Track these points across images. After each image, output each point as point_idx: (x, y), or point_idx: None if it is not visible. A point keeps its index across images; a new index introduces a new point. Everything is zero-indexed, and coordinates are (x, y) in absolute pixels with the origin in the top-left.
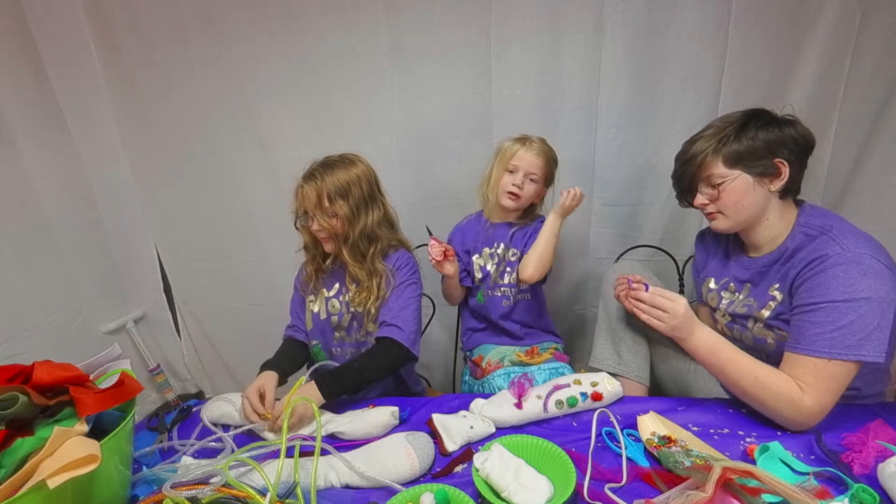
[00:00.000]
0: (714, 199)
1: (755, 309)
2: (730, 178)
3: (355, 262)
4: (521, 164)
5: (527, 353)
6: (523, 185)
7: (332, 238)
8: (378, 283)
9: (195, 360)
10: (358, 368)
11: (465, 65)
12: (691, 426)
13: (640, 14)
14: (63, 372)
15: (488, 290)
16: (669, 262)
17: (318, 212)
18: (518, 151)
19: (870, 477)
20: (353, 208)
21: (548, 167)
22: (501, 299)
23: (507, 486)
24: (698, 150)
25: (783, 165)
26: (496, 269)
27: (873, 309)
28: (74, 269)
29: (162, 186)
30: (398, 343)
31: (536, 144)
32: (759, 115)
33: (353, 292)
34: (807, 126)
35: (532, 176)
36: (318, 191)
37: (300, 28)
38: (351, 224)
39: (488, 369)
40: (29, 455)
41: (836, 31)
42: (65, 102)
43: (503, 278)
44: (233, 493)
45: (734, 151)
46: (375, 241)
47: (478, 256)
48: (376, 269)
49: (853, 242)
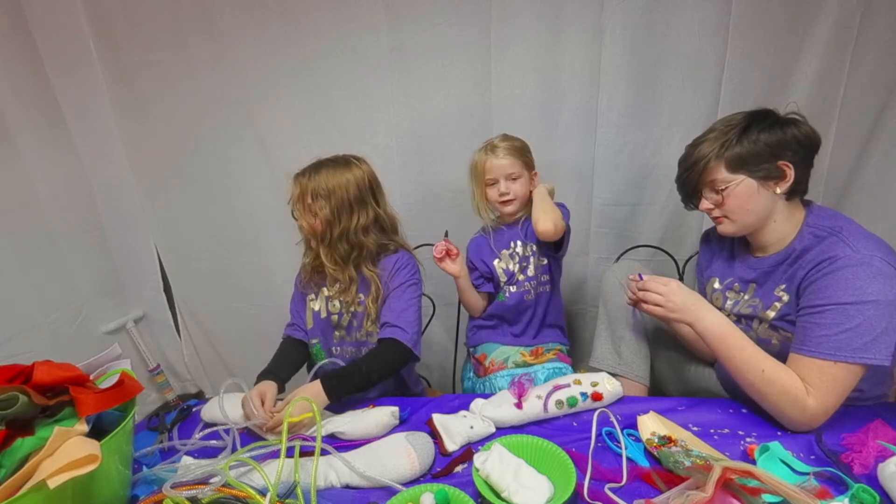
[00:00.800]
0: (719, 204)
1: (760, 310)
2: (733, 183)
3: (332, 264)
4: (497, 173)
5: (531, 353)
6: (509, 189)
7: (313, 236)
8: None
9: (195, 360)
10: (363, 369)
11: (465, 65)
12: (691, 426)
13: (641, 14)
14: (63, 372)
15: (510, 286)
16: (669, 263)
17: (299, 207)
18: (487, 162)
19: (870, 477)
20: (333, 210)
21: (522, 158)
22: (523, 294)
23: (507, 486)
24: (701, 155)
25: (788, 168)
26: (518, 266)
27: (881, 312)
28: (74, 270)
29: (162, 186)
30: (401, 344)
31: (501, 147)
32: (762, 116)
33: (334, 292)
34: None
35: (512, 175)
36: (302, 188)
37: (300, 28)
38: (330, 226)
39: (491, 369)
40: (29, 455)
41: (836, 31)
42: (65, 102)
43: (524, 273)
44: (233, 493)
45: (737, 156)
46: (358, 246)
47: (498, 261)
48: (363, 275)
49: (863, 245)
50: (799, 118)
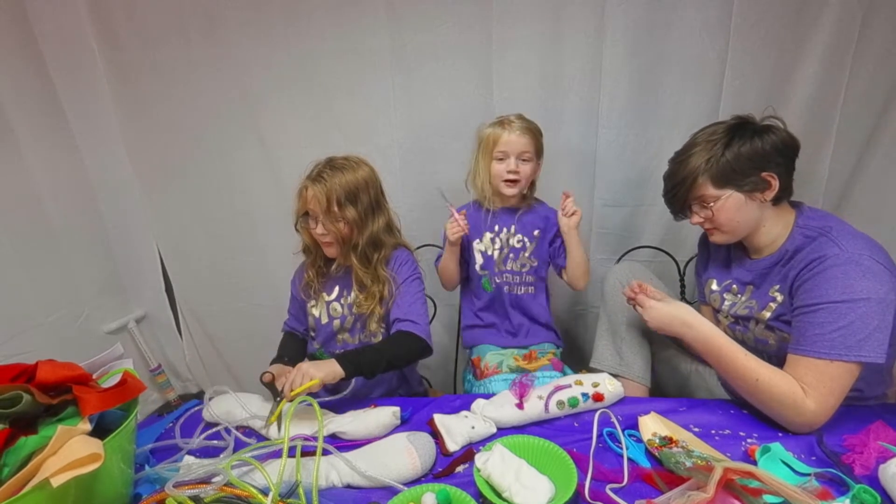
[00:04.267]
0: (709, 218)
1: (756, 310)
2: (721, 199)
3: (363, 267)
4: (509, 149)
5: (525, 357)
6: (518, 169)
7: (336, 242)
8: (381, 288)
9: (196, 360)
10: (378, 349)
11: (466, 65)
12: (692, 427)
13: (642, 14)
14: (66, 371)
15: (494, 276)
16: (670, 263)
17: (325, 215)
18: (502, 136)
19: (871, 478)
20: (361, 214)
21: (536, 141)
22: (506, 286)
23: (508, 487)
24: (687, 172)
25: (772, 178)
26: (500, 254)
27: (872, 309)
28: (76, 269)
29: (163, 186)
30: (417, 336)
31: (517, 123)
32: (741, 127)
33: (359, 297)
34: (808, 125)
35: (524, 156)
36: (327, 193)
37: (302, 28)
38: (360, 230)
39: (486, 373)
40: (32, 454)
41: (837, 32)
42: (67, 102)
43: (506, 264)
44: (235, 493)
45: (722, 173)
46: (380, 247)
47: (478, 242)
48: (379, 276)
49: (852, 243)
50: (775, 124)
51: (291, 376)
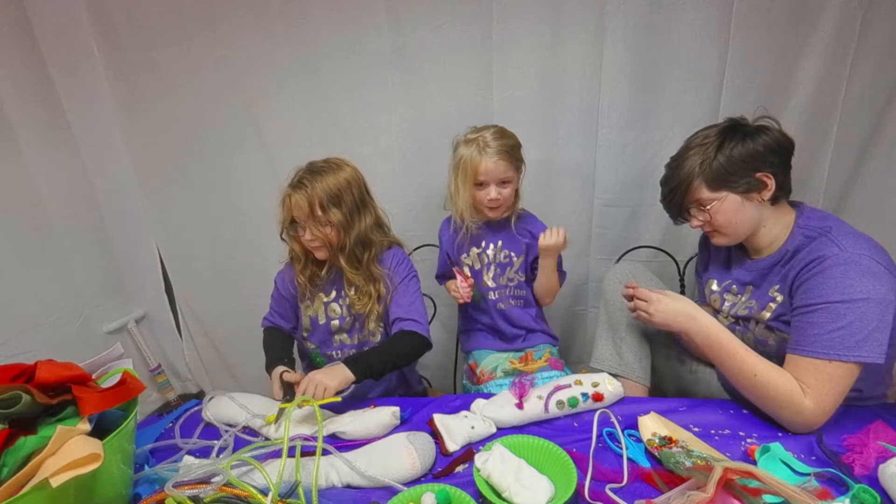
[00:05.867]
0: (707, 220)
1: (756, 311)
2: (717, 201)
3: (352, 268)
4: (488, 178)
5: (521, 359)
6: (500, 196)
7: (325, 246)
8: (376, 287)
9: (196, 360)
10: (384, 351)
11: (466, 65)
12: (692, 427)
13: (642, 14)
14: (65, 371)
15: (483, 290)
16: (670, 263)
17: (310, 221)
18: (480, 165)
19: (871, 478)
20: (346, 215)
21: (514, 161)
22: (496, 302)
23: (508, 486)
24: (682, 177)
25: (767, 178)
26: (486, 270)
27: (872, 310)
28: (76, 269)
29: (164, 186)
30: (419, 334)
31: (493, 146)
32: (733, 129)
33: (353, 297)
34: (808, 125)
35: (504, 181)
36: (309, 199)
37: (302, 29)
38: (346, 231)
39: (483, 378)
40: (32, 454)
41: (837, 32)
42: (67, 103)
43: (494, 279)
44: (235, 493)
45: (716, 175)
46: (370, 246)
47: (465, 256)
48: (372, 274)
49: (852, 243)
50: (768, 124)
51: (303, 386)
